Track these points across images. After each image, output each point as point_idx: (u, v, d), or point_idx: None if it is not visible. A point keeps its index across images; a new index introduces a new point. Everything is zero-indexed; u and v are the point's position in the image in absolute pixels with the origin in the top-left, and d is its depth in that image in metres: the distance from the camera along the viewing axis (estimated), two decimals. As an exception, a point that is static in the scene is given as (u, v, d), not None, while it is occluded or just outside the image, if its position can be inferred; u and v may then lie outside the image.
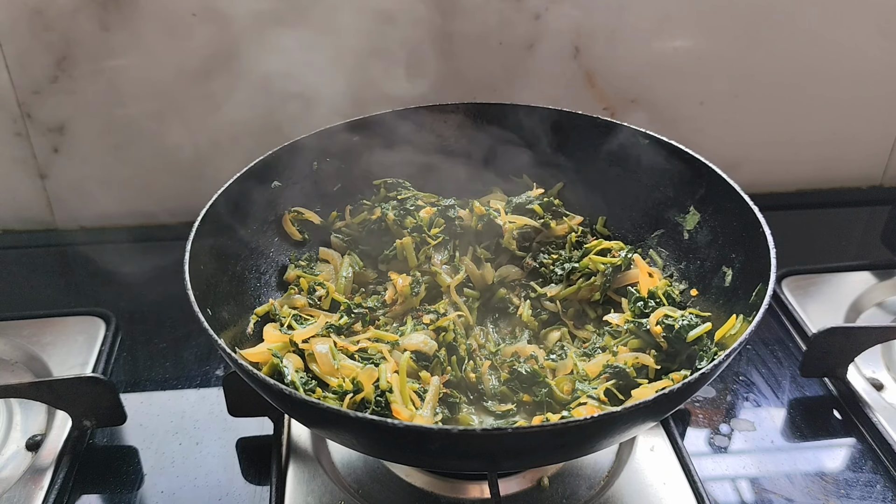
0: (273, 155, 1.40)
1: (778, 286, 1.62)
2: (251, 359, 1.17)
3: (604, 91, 1.79)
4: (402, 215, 1.44)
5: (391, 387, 1.12)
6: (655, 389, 1.12)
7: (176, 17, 1.61)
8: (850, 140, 1.93)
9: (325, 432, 1.14)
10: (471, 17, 1.67)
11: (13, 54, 1.63)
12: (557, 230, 1.47)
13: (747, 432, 1.35)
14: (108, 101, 1.70)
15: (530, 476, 1.24)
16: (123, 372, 1.48)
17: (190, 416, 1.38)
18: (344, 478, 1.25)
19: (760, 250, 1.17)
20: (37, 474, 1.25)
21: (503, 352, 1.31)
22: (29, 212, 1.82)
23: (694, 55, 1.77)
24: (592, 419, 0.93)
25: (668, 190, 1.42)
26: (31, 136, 1.72)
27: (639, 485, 1.23)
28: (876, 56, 1.82)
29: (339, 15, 1.64)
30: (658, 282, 1.32)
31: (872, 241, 1.83)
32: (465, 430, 0.92)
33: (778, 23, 1.74)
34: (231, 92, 1.67)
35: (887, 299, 1.61)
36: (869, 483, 1.25)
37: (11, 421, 1.36)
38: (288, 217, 1.45)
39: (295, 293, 1.35)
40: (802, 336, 1.51)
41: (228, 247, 1.32)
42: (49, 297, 1.70)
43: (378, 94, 1.68)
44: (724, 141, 1.87)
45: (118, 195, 1.82)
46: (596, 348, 1.29)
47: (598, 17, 1.70)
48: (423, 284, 1.37)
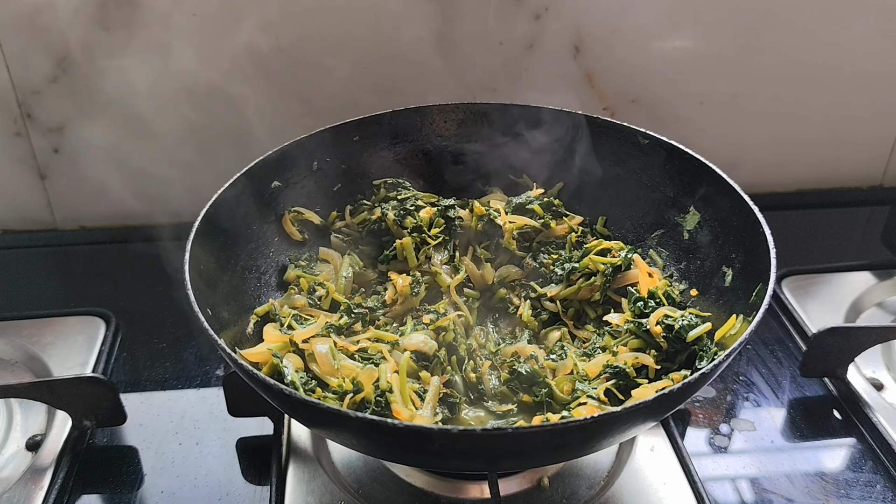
0: (273, 155, 1.40)
1: (778, 286, 1.62)
2: (251, 359, 1.17)
3: (604, 91, 1.79)
4: (402, 215, 1.44)
5: (391, 387, 1.12)
6: (655, 389, 1.12)
7: (176, 17, 1.61)
8: (850, 140, 1.93)
9: (325, 432, 1.14)
10: (471, 17, 1.67)
11: (13, 54, 1.63)
12: (557, 230, 1.47)
13: (747, 432, 1.35)
14: (108, 101, 1.70)
15: (530, 476, 1.24)
16: (123, 372, 1.48)
17: (190, 416, 1.38)
18: (344, 478, 1.25)
19: (760, 250, 1.17)
20: (37, 474, 1.25)
21: (503, 352, 1.31)
22: (29, 212, 1.82)
23: (694, 55, 1.77)
24: (592, 419, 0.93)
25: (668, 190, 1.42)
26: (31, 136, 1.72)
27: (639, 485, 1.23)
28: (876, 56, 1.82)
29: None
30: (658, 282, 1.32)
31: (872, 241, 1.83)
32: (465, 430, 0.92)
33: (778, 23, 1.74)
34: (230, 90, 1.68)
35: (887, 299, 1.61)
36: (869, 483, 1.25)
37: (11, 421, 1.36)
38: (288, 217, 1.45)
39: (295, 293, 1.35)
40: (802, 336, 1.51)
41: (228, 247, 1.32)
42: (49, 297, 1.70)
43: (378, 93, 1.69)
44: (724, 141, 1.87)
45: (118, 195, 1.82)
46: (596, 348, 1.29)
47: (598, 17, 1.70)
48: (423, 284, 1.37)
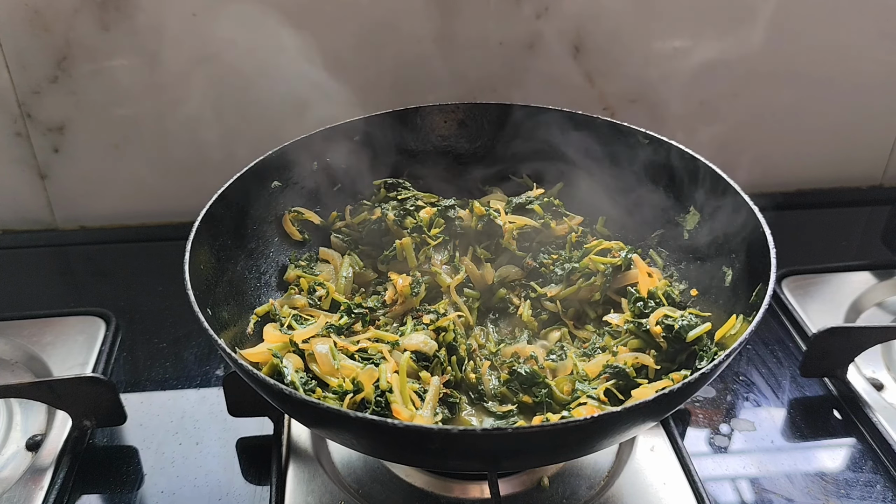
0: (273, 155, 1.40)
1: (778, 286, 1.62)
2: (251, 359, 1.17)
3: (604, 91, 1.79)
4: (402, 215, 1.44)
5: (391, 387, 1.12)
6: (655, 389, 1.12)
7: (176, 18, 1.61)
8: (850, 140, 1.93)
9: (325, 432, 1.14)
10: (471, 17, 1.67)
11: (13, 54, 1.63)
12: (557, 230, 1.47)
13: (747, 432, 1.35)
14: (108, 101, 1.70)
15: (530, 476, 1.24)
16: (123, 372, 1.48)
17: (190, 416, 1.38)
18: (344, 478, 1.25)
19: (760, 250, 1.17)
20: (37, 474, 1.25)
21: (503, 352, 1.31)
22: (29, 212, 1.82)
23: (694, 55, 1.77)
24: (592, 419, 0.93)
25: (668, 190, 1.42)
26: (31, 136, 1.72)
27: (639, 485, 1.23)
28: (876, 56, 1.81)
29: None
30: (658, 282, 1.32)
31: (872, 241, 1.82)
32: (465, 430, 0.92)
33: (778, 23, 1.74)
34: (230, 90, 1.68)
35: (887, 299, 1.61)
36: (869, 483, 1.25)
37: (11, 421, 1.36)
38: (288, 217, 1.45)
39: (295, 293, 1.35)
40: (802, 336, 1.51)
41: (228, 247, 1.32)
42: (49, 297, 1.70)
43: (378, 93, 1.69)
44: (724, 141, 1.87)
45: (118, 195, 1.83)
46: (596, 348, 1.29)
47: (598, 17, 1.70)
48: (423, 284, 1.37)
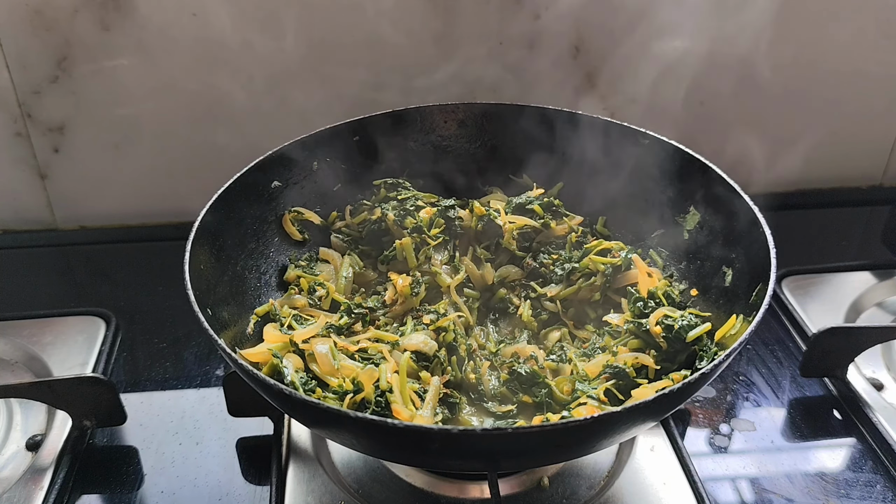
0: (273, 155, 1.40)
1: (778, 286, 1.62)
2: (251, 359, 1.17)
3: (604, 91, 1.79)
4: (402, 215, 1.44)
5: (391, 387, 1.12)
6: (655, 389, 1.12)
7: (176, 18, 1.61)
8: (850, 140, 1.93)
9: (325, 432, 1.14)
10: (471, 17, 1.67)
11: (13, 54, 1.63)
12: (557, 230, 1.47)
13: (747, 432, 1.35)
14: (108, 101, 1.70)
15: (530, 476, 1.24)
16: (123, 372, 1.48)
17: (190, 416, 1.38)
18: (344, 478, 1.25)
19: (760, 250, 1.17)
20: (37, 474, 1.25)
21: (503, 352, 1.31)
22: (29, 212, 1.82)
23: (694, 55, 1.77)
24: (592, 419, 0.93)
25: (668, 190, 1.42)
26: (31, 136, 1.72)
27: (639, 485, 1.23)
28: (876, 56, 1.81)
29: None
30: (658, 282, 1.32)
31: (872, 241, 1.83)
32: (465, 430, 0.92)
33: (778, 23, 1.74)
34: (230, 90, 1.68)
35: (887, 299, 1.61)
36: (869, 483, 1.25)
37: (11, 421, 1.36)
38: (288, 217, 1.45)
39: (295, 293, 1.35)
40: (802, 336, 1.51)
41: (228, 247, 1.31)
42: (49, 297, 1.70)
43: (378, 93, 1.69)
44: (724, 141, 1.87)
45: (118, 195, 1.83)
46: (596, 348, 1.29)
47: (598, 17, 1.70)
48: (423, 284, 1.37)
